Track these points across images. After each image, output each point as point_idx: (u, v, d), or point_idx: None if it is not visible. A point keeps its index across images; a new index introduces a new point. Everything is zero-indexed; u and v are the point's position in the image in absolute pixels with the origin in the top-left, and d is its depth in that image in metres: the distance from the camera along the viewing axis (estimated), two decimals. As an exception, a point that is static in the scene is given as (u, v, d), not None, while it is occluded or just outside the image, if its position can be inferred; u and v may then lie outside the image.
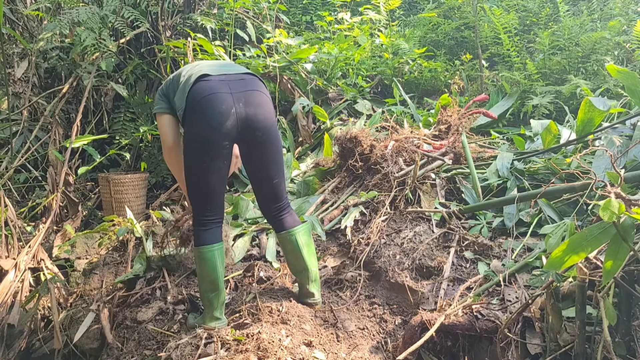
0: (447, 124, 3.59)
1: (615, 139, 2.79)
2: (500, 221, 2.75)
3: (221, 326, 2.30)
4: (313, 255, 2.42)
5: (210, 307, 2.32)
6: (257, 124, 2.16)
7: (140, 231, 3.16)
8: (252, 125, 2.15)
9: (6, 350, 2.71)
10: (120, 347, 2.50)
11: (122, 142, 4.34)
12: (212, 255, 2.25)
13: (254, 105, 2.15)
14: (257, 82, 2.25)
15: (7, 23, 4.51)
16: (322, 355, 2.15)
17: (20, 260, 2.94)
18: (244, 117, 2.12)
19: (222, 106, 2.09)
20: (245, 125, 2.14)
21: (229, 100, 2.10)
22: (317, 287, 2.47)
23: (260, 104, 2.17)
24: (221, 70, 2.21)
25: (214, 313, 2.32)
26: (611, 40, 4.49)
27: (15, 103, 4.36)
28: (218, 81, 2.15)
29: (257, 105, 2.16)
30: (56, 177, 3.76)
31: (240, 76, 2.21)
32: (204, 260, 2.25)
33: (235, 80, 2.18)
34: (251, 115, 2.14)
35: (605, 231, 1.47)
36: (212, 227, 2.28)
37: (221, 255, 2.30)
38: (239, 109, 2.11)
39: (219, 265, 2.28)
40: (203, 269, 2.27)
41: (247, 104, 2.14)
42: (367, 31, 5.57)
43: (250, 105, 2.14)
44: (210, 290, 2.29)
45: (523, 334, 1.95)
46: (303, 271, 2.40)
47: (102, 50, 4.30)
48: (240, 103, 2.12)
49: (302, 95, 4.64)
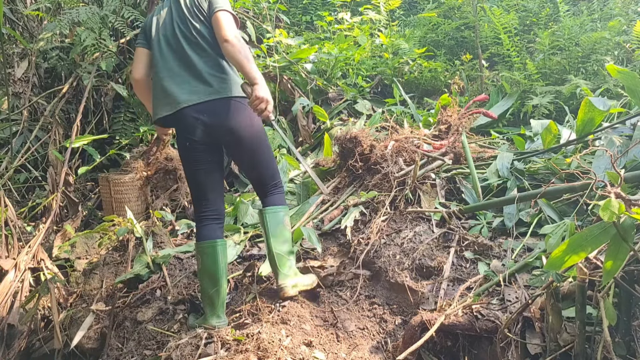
0: (447, 124, 3.59)
1: (615, 139, 2.79)
2: (500, 221, 2.75)
3: (221, 326, 2.33)
4: (280, 239, 2.42)
5: (211, 306, 2.36)
6: (223, 128, 2.32)
7: (140, 231, 3.16)
8: (220, 130, 2.33)
9: (6, 350, 2.71)
10: (120, 347, 2.50)
11: (122, 142, 4.34)
12: (213, 250, 2.35)
13: (216, 113, 2.30)
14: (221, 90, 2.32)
15: (7, 23, 4.51)
16: (322, 355, 2.15)
17: (20, 260, 2.94)
18: (209, 124, 2.30)
19: (189, 119, 2.30)
20: (213, 131, 2.32)
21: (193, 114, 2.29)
22: (283, 272, 2.42)
23: (222, 111, 2.30)
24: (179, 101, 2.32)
25: (215, 311, 2.35)
26: (611, 40, 4.49)
27: (15, 103, 4.36)
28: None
29: (220, 112, 2.30)
30: (56, 177, 3.76)
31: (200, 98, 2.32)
32: (204, 255, 2.36)
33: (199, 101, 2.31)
34: (216, 122, 2.30)
35: (605, 231, 1.47)
36: (209, 224, 2.41)
37: (223, 252, 2.39)
38: (203, 118, 2.29)
39: (220, 260, 2.36)
40: (203, 263, 2.36)
41: (211, 113, 2.29)
42: (367, 31, 5.57)
43: (213, 113, 2.29)
44: (211, 286, 2.34)
45: (523, 334, 1.95)
46: (269, 253, 2.45)
47: (102, 50, 4.30)
48: (205, 114, 2.29)
49: (302, 95, 4.64)
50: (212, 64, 2.33)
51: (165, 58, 2.36)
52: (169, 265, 2.95)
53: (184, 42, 2.34)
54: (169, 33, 2.37)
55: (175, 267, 2.95)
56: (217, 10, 2.29)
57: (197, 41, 2.33)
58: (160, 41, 2.38)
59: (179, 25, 2.36)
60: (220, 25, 2.26)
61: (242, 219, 3.37)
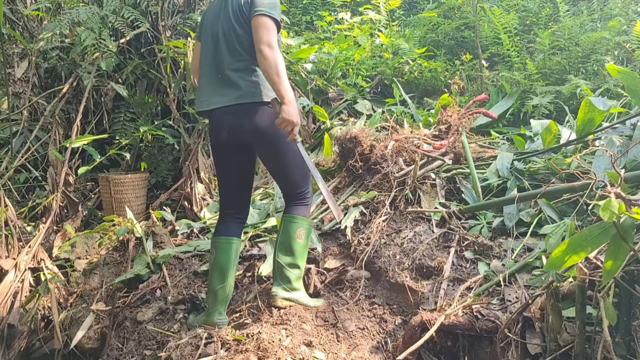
0: (447, 124, 3.59)
1: (615, 139, 2.79)
2: (500, 221, 2.75)
3: (222, 323, 2.35)
4: (286, 249, 2.42)
5: (214, 301, 2.39)
6: (245, 130, 2.33)
7: (140, 231, 3.16)
8: (242, 132, 2.34)
9: (6, 350, 2.71)
10: (120, 347, 2.50)
11: (122, 142, 4.34)
12: (229, 247, 2.42)
13: (240, 115, 2.30)
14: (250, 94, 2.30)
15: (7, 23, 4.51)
16: (322, 355, 2.15)
17: (20, 260, 2.93)
18: (233, 126, 2.33)
19: (216, 121, 2.38)
20: (236, 133, 2.35)
21: (219, 116, 2.34)
22: (278, 281, 2.43)
23: (247, 114, 2.29)
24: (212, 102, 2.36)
25: (217, 307, 2.38)
26: (611, 40, 4.49)
27: (15, 103, 4.36)
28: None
29: (244, 115, 2.29)
30: (56, 177, 3.76)
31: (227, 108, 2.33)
32: (219, 250, 2.42)
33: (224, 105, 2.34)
34: (239, 125, 2.32)
35: (605, 231, 1.47)
36: (228, 221, 2.49)
37: (237, 250, 2.46)
38: (228, 121, 2.33)
39: (233, 258, 2.42)
40: (216, 258, 2.42)
41: (235, 116, 2.30)
42: (367, 31, 5.57)
43: (238, 116, 2.30)
44: (219, 282, 2.38)
45: (523, 334, 1.95)
46: (273, 257, 2.47)
47: (102, 50, 4.29)
48: (230, 116, 2.31)
49: (302, 95, 4.64)
50: (245, 67, 2.29)
51: (208, 55, 2.38)
52: (169, 265, 2.94)
53: (223, 42, 2.32)
54: (214, 31, 2.36)
55: (175, 267, 2.95)
56: (257, 13, 2.19)
57: (234, 44, 2.30)
58: (208, 38, 2.39)
59: (223, 25, 2.33)
60: (257, 32, 2.18)
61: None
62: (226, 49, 2.31)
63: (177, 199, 4.18)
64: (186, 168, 4.19)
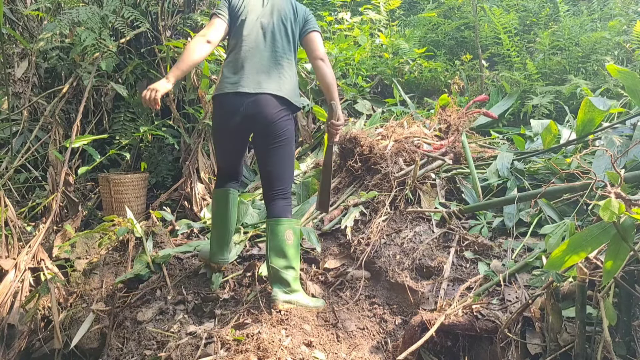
0: (446, 124, 3.59)
1: (615, 139, 2.79)
2: (500, 221, 2.75)
3: (224, 262, 2.72)
4: (278, 253, 2.45)
5: (218, 244, 2.68)
6: (259, 119, 2.45)
7: (140, 231, 3.15)
8: (254, 120, 2.46)
9: (6, 350, 2.71)
10: (120, 347, 2.50)
11: (122, 142, 4.34)
12: (226, 196, 2.65)
13: (258, 105, 2.43)
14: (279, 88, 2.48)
15: (7, 23, 4.51)
16: (322, 355, 2.15)
17: (20, 260, 2.93)
18: (250, 113, 2.44)
19: (232, 106, 2.46)
20: (249, 120, 2.47)
21: (239, 101, 2.44)
22: (277, 284, 2.44)
23: (266, 105, 2.44)
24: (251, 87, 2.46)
25: (221, 250, 2.68)
26: (611, 40, 4.49)
27: (15, 103, 4.36)
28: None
29: (264, 105, 2.44)
30: (56, 177, 3.76)
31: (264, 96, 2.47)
32: (217, 200, 2.68)
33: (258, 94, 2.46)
34: (255, 113, 2.44)
35: (605, 231, 1.47)
36: (226, 181, 2.70)
37: (234, 200, 2.69)
38: (248, 109, 2.44)
39: (231, 206, 2.66)
40: (216, 207, 2.69)
41: (255, 105, 2.43)
42: (367, 31, 5.57)
43: (258, 105, 2.43)
44: (220, 227, 2.66)
45: (523, 334, 1.95)
46: (267, 263, 2.51)
47: (102, 50, 4.29)
48: (250, 104, 2.43)
49: (302, 95, 4.64)
50: (290, 68, 2.55)
51: (258, 44, 2.49)
52: (169, 265, 2.94)
53: (283, 41, 2.52)
54: (269, 25, 2.51)
55: (175, 267, 2.95)
56: (315, 30, 2.60)
57: (290, 46, 2.56)
58: (256, 27, 2.50)
59: (283, 23, 2.53)
60: (318, 44, 2.58)
61: (242, 219, 3.37)
62: (282, 48, 2.52)
63: (177, 199, 4.18)
64: (186, 168, 4.19)
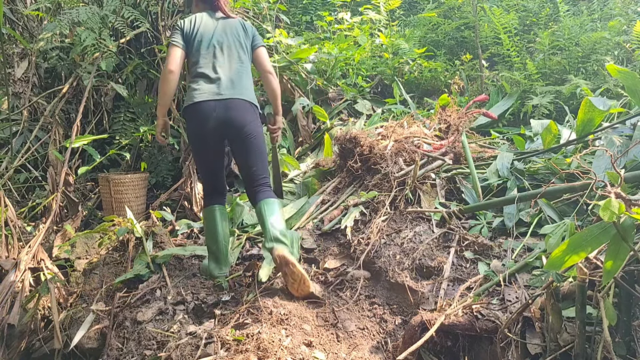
0: (446, 124, 3.59)
1: (615, 139, 2.79)
2: (500, 221, 2.75)
3: (221, 275, 2.81)
4: (278, 219, 2.66)
5: (215, 260, 2.82)
6: (232, 123, 2.70)
7: (140, 231, 3.15)
8: (227, 124, 2.70)
9: (6, 350, 2.71)
10: (120, 347, 2.50)
11: (122, 142, 4.34)
12: (213, 213, 2.84)
13: (230, 109, 2.70)
14: (241, 93, 2.77)
15: (7, 23, 4.51)
16: (322, 355, 2.15)
17: (20, 260, 2.93)
18: (222, 117, 2.69)
19: (205, 112, 2.70)
20: (222, 124, 2.70)
21: (211, 106, 2.70)
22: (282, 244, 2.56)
23: (235, 108, 2.71)
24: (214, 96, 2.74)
25: (218, 264, 2.82)
26: (611, 40, 4.49)
27: (15, 103, 4.36)
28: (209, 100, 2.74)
29: (233, 109, 2.71)
30: (56, 177, 3.76)
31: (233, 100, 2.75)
32: (207, 218, 2.85)
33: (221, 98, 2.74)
34: (227, 117, 2.70)
35: (605, 231, 1.47)
36: (212, 197, 2.90)
37: (222, 215, 2.86)
38: (219, 114, 2.69)
39: (219, 221, 2.82)
40: (206, 224, 2.86)
41: (226, 109, 2.70)
42: (367, 31, 5.57)
43: (228, 109, 2.70)
44: (212, 243, 2.81)
45: (523, 334, 1.95)
46: (265, 228, 2.64)
47: (102, 50, 4.30)
48: (221, 109, 2.70)
49: (302, 95, 4.64)
50: (248, 77, 2.86)
51: (218, 58, 2.80)
52: (169, 265, 2.94)
53: (239, 53, 2.85)
54: (224, 42, 2.83)
55: (175, 267, 2.95)
56: (262, 45, 2.94)
57: (245, 57, 2.88)
58: (213, 44, 2.81)
59: (236, 39, 2.86)
60: (265, 58, 2.92)
61: (237, 221, 3.37)
62: (239, 61, 2.83)
63: (177, 199, 4.18)
64: (186, 168, 4.19)
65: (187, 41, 2.83)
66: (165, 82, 2.74)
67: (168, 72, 2.73)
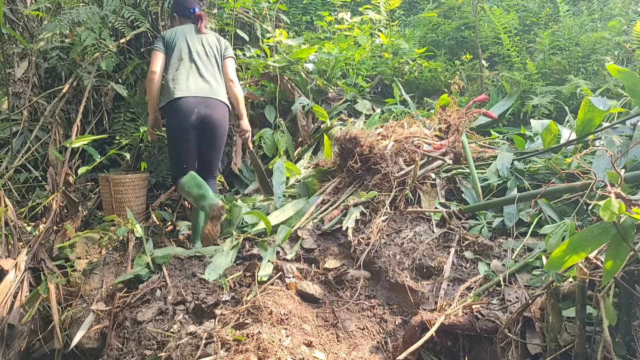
0: (446, 124, 3.59)
1: (615, 139, 2.79)
2: (501, 221, 2.75)
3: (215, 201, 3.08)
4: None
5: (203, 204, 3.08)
6: (210, 119, 3.22)
7: (140, 231, 3.15)
8: (206, 120, 3.21)
9: (6, 350, 2.71)
10: (120, 347, 2.50)
11: (122, 142, 4.34)
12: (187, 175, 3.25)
13: (209, 107, 3.22)
14: (218, 94, 3.28)
15: (7, 23, 4.51)
16: (322, 355, 2.15)
17: (20, 260, 2.93)
18: (203, 113, 3.20)
19: (187, 107, 3.18)
20: (202, 119, 3.20)
21: (192, 102, 3.19)
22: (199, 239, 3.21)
23: (214, 107, 3.24)
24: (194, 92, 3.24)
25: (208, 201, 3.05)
26: (611, 40, 4.49)
27: (15, 103, 4.36)
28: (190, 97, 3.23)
29: (212, 108, 3.23)
30: (56, 177, 3.76)
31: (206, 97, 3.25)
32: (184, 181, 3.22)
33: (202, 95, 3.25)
34: (207, 113, 3.21)
35: (605, 231, 1.47)
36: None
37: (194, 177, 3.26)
38: (200, 110, 3.20)
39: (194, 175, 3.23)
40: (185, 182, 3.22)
41: (206, 106, 3.21)
42: (367, 31, 5.57)
43: (208, 107, 3.21)
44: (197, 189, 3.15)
45: (523, 334, 1.95)
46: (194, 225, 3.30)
47: (102, 50, 4.30)
48: (202, 106, 3.21)
49: (302, 95, 4.64)
50: (221, 81, 3.41)
51: (195, 62, 3.32)
52: (169, 265, 2.94)
53: (212, 61, 3.38)
54: (201, 50, 3.36)
55: (175, 268, 2.95)
56: (230, 57, 3.47)
57: (218, 64, 3.42)
58: (190, 51, 3.32)
59: (210, 48, 3.40)
60: (231, 68, 3.44)
61: (236, 222, 3.37)
62: (215, 68, 3.38)
63: (177, 199, 4.18)
64: (186, 168, 4.18)
65: (168, 48, 3.31)
66: (149, 82, 3.27)
67: (151, 73, 3.26)
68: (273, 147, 4.38)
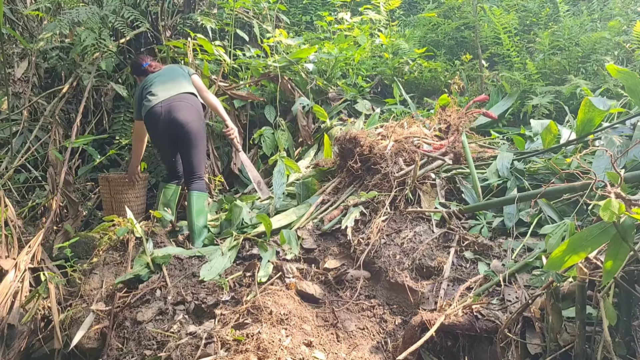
0: (446, 124, 3.59)
1: (615, 139, 2.79)
2: (500, 221, 2.75)
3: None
4: (199, 215, 3.37)
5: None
6: (178, 122, 3.38)
7: (140, 231, 3.15)
8: (174, 124, 3.38)
9: (6, 350, 2.71)
10: (120, 347, 2.50)
11: (122, 142, 4.34)
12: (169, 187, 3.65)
13: (175, 110, 3.39)
14: (186, 96, 3.50)
15: (7, 23, 4.51)
16: (322, 355, 2.15)
17: (20, 260, 2.94)
18: (168, 119, 3.38)
19: (155, 115, 3.41)
20: (170, 124, 3.39)
21: (158, 111, 3.39)
22: (198, 239, 3.32)
23: (181, 109, 3.41)
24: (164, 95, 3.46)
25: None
26: (611, 40, 4.49)
27: (15, 103, 4.36)
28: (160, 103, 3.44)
29: (178, 110, 3.40)
30: (56, 177, 3.76)
31: (176, 97, 3.46)
32: (163, 189, 3.64)
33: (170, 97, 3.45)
34: (173, 118, 3.38)
35: (605, 231, 1.47)
36: (172, 177, 3.72)
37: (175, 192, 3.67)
38: (165, 115, 3.38)
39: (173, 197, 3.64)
40: (164, 193, 3.63)
41: (172, 110, 3.38)
42: (367, 31, 5.57)
43: (173, 111, 3.38)
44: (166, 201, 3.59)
45: (523, 334, 1.95)
46: (190, 224, 3.37)
47: (102, 50, 4.30)
48: (166, 112, 3.38)
49: (302, 95, 4.64)
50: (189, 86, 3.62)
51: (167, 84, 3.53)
52: (169, 265, 2.94)
53: (183, 78, 3.62)
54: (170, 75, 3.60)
55: (175, 268, 2.95)
56: (194, 73, 3.76)
57: (188, 80, 3.65)
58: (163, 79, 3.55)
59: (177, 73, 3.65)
60: (199, 82, 3.74)
61: (236, 222, 3.37)
62: (179, 80, 3.59)
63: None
64: (186, 168, 4.18)
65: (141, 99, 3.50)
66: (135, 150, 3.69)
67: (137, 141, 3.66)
68: (273, 146, 4.38)
